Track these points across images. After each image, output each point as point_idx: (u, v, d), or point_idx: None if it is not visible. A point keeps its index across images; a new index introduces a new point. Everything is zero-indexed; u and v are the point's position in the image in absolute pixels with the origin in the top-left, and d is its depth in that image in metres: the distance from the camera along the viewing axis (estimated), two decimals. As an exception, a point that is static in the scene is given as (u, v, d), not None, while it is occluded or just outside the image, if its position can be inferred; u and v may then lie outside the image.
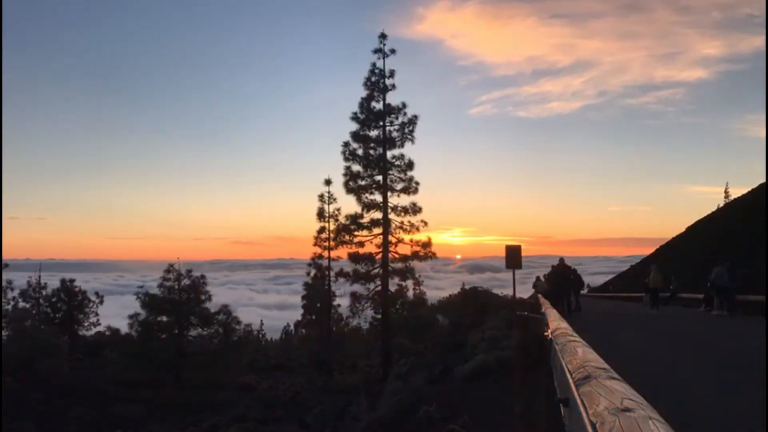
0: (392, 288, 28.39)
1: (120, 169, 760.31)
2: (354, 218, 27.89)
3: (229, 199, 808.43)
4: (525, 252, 19.42)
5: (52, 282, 36.00)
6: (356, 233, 28.00)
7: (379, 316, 30.26)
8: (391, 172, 27.55)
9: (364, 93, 27.63)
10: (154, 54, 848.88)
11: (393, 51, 27.65)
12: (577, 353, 2.75)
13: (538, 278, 28.63)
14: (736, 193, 51.08)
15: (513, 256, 18.41)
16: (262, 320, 53.97)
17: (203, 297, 28.60)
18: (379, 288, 27.92)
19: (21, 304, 32.87)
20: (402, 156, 27.63)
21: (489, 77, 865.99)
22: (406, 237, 27.62)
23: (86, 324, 35.86)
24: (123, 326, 30.17)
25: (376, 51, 27.54)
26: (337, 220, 30.66)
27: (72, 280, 36.06)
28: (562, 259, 24.13)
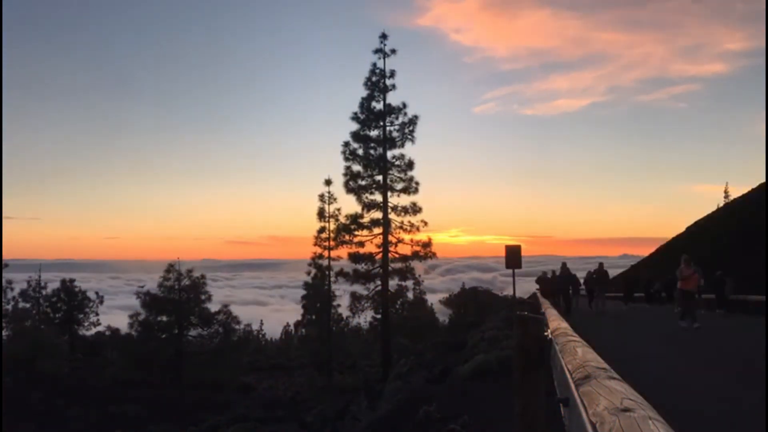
0: (392, 288, 28.38)
1: (115, 168, 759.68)
2: (354, 218, 27.89)
3: (226, 199, 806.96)
4: (525, 252, 19.41)
5: (52, 283, 36.02)
6: (356, 233, 28.00)
7: (379, 316, 30.25)
8: (391, 172, 27.55)
9: (364, 92, 27.67)
10: (150, 51, 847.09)
11: (393, 51, 27.68)
12: (576, 353, 2.74)
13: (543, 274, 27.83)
14: (742, 192, 50.68)
15: (513, 256, 18.39)
16: (262, 320, 53.97)
17: (203, 297, 28.61)
18: (379, 288, 27.92)
19: (21, 304, 32.88)
20: (402, 156, 27.66)
21: (495, 73, 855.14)
22: (406, 237, 27.64)
23: (86, 324, 35.88)
24: (122, 326, 30.20)
25: (377, 51, 27.54)
26: (337, 220, 30.64)
27: (72, 280, 36.10)
28: (564, 264, 24.02)
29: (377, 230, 27.75)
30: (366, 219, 27.81)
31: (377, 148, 27.65)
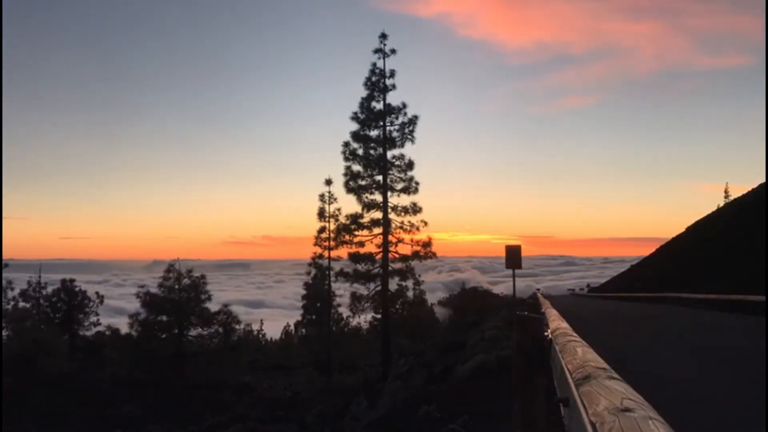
0: (392, 288, 28.40)
1: (113, 168, 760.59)
2: (354, 218, 27.91)
3: (222, 199, 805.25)
4: (525, 252, 19.39)
5: (52, 283, 35.99)
6: (356, 233, 28.02)
7: (379, 316, 30.26)
8: (391, 172, 27.56)
9: (364, 92, 27.70)
10: (147, 51, 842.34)
11: (393, 51, 27.73)
12: (576, 353, 2.75)
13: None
14: (744, 191, 50.54)
15: (513, 256, 18.37)
16: (262, 320, 54.03)
17: (203, 297, 28.62)
18: (379, 288, 27.92)
19: (21, 304, 32.87)
20: (402, 156, 27.70)
21: (501, 69, 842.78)
22: (407, 237, 27.66)
23: (86, 324, 35.87)
24: (120, 326, 30.21)
25: (377, 51, 27.58)
26: (337, 220, 30.68)
27: (72, 280, 36.06)
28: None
29: (377, 230, 27.77)
30: (366, 219, 27.84)
31: (377, 148, 27.67)
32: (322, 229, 31.59)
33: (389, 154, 27.63)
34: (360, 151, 27.72)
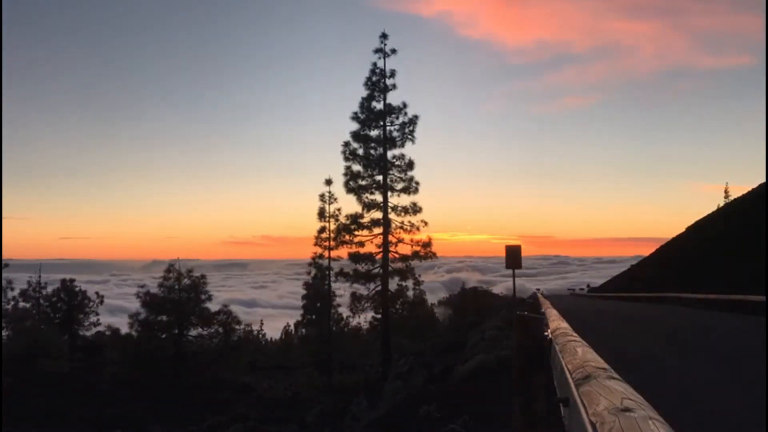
0: (392, 288, 28.39)
1: (112, 169, 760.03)
2: (354, 218, 27.90)
3: (221, 199, 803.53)
4: (525, 252, 19.39)
5: (52, 283, 35.98)
6: (356, 233, 28.01)
7: (379, 316, 30.25)
8: (391, 172, 27.56)
9: (364, 92, 27.69)
10: (147, 52, 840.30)
11: (394, 51, 27.71)
12: (577, 353, 2.75)
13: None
14: (742, 191, 50.41)
15: (513, 256, 18.35)
16: (262, 320, 54.05)
17: (203, 297, 28.61)
18: (379, 288, 27.92)
19: (21, 304, 32.88)
20: (402, 156, 27.68)
21: (501, 68, 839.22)
22: (407, 237, 27.66)
23: (86, 324, 35.88)
24: (120, 326, 30.21)
25: (377, 51, 27.57)
26: (337, 220, 30.65)
27: (72, 280, 36.08)
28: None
29: (377, 230, 27.77)
30: (366, 219, 27.84)
31: (377, 148, 27.67)
32: (322, 229, 31.56)
33: (389, 154, 27.64)
34: (360, 151, 27.72)
